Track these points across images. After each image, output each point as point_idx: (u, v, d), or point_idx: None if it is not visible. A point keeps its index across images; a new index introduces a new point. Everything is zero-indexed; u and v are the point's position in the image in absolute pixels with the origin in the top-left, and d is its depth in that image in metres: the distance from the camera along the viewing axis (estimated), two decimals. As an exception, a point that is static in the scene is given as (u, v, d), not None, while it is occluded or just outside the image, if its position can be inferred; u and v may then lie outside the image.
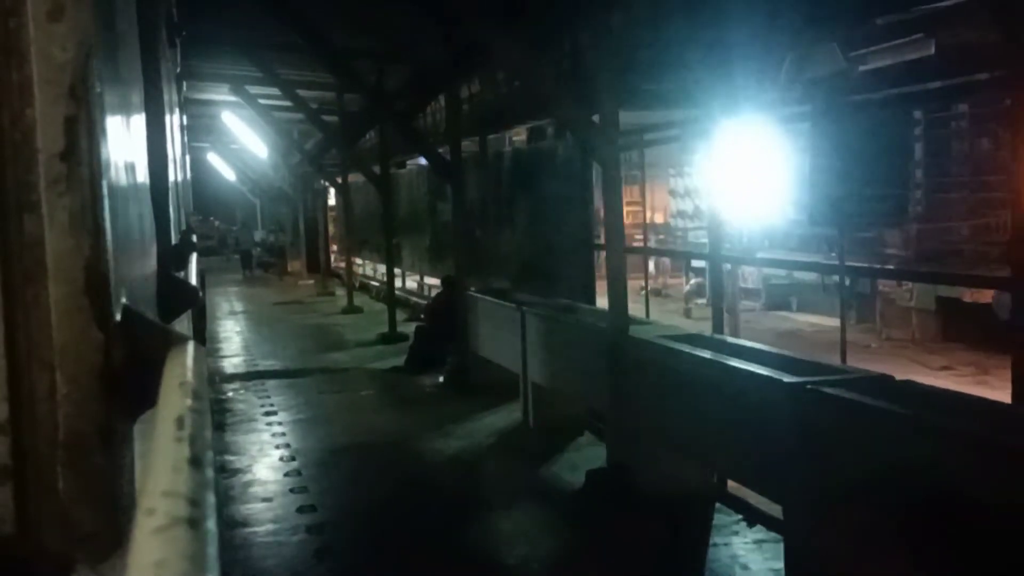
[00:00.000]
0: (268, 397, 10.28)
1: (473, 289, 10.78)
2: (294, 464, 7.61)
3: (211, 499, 0.60)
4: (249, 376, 11.67)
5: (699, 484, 6.24)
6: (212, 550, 0.55)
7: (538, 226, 10.65)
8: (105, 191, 0.88)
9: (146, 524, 0.55)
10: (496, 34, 7.26)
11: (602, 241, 7.97)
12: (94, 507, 0.84)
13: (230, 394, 10.58)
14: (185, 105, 15.23)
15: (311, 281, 24.77)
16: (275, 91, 15.92)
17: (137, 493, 0.94)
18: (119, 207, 1.05)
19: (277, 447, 8.16)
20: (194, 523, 0.55)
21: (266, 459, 7.85)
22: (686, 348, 5.97)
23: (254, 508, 6.61)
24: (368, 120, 15.30)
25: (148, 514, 0.56)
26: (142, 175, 1.76)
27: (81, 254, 0.84)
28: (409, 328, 13.99)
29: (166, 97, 3.13)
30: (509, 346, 9.01)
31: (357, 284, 21.69)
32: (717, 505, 6.17)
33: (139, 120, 1.86)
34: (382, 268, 21.45)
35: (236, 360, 13.11)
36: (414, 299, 17.71)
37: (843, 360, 6.29)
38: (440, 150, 12.05)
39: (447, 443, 8.26)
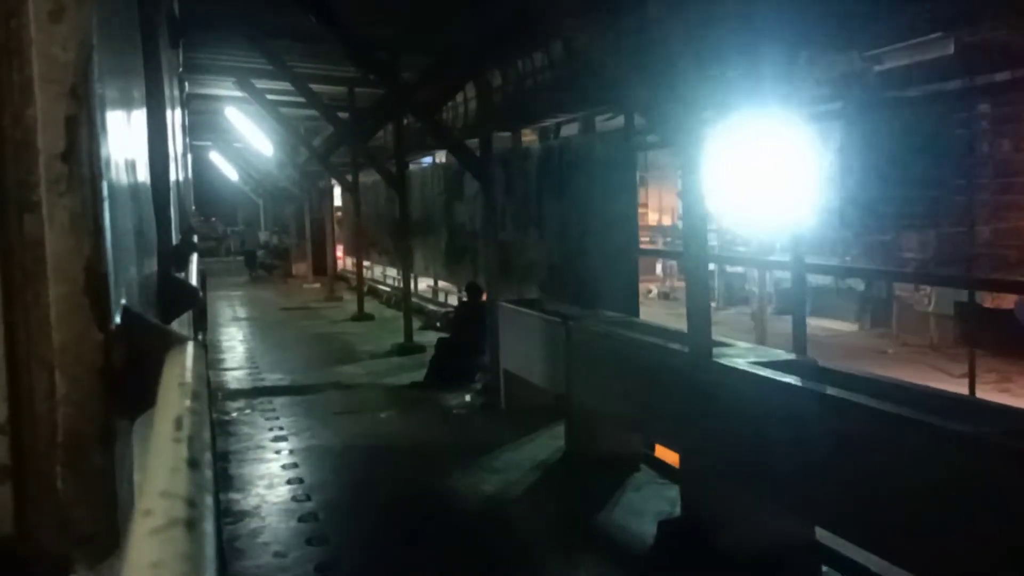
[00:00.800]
0: (276, 419, 9.24)
1: (504, 299, 9.80)
2: (309, 505, 6.59)
3: (209, 500, 0.60)
4: (255, 392, 10.65)
5: (800, 542, 5.24)
6: (210, 551, 0.55)
7: (570, 229, 9.74)
8: (106, 191, 0.88)
9: (144, 525, 0.55)
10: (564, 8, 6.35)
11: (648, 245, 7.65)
12: (93, 507, 0.84)
13: (234, 414, 9.55)
14: (187, 101, 14.83)
15: (317, 284, 23.83)
16: (282, 86, 15.29)
17: (135, 494, 0.94)
18: (120, 207, 1.05)
19: (289, 482, 7.15)
20: (192, 524, 0.55)
21: (276, 498, 6.81)
22: (814, 387, 4.82)
23: (265, 566, 5.60)
24: (386, 112, 14.35)
25: (146, 515, 0.56)
26: (143, 175, 1.76)
27: (81, 254, 0.84)
28: (425, 337, 13.28)
29: (168, 97, 3.13)
30: (549, 365, 8.08)
31: (365, 288, 20.60)
32: (824, 569, 5.19)
33: (140, 120, 1.86)
34: (392, 272, 20.96)
35: (240, 373, 12.02)
36: (429, 306, 16.94)
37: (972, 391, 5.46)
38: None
39: (484, 479, 7.16)
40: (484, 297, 10.72)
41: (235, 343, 14.91)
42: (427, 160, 22.59)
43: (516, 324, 9.07)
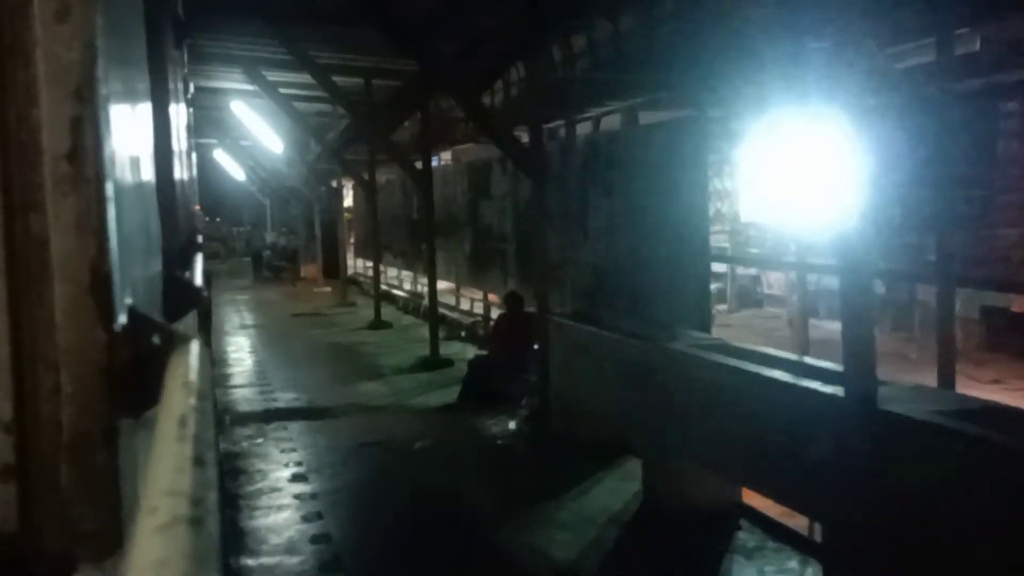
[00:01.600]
0: (293, 450, 7.91)
1: (556, 312, 8.48)
2: (341, 579, 5.35)
3: (213, 498, 0.60)
4: (267, 416, 9.28)
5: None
6: (214, 549, 0.55)
7: (623, 230, 8.35)
8: (110, 192, 0.88)
9: (148, 523, 0.55)
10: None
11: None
12: (97, 506, 0.85)
13: (244, 444, 8.18)
14: (192, 98, 13.82)
15: (328, 289, 22.50)
16: (292, 78, 14.35)
17: (139, 492, 0.94)
18: (124, 208, 1.05)
19: (314, 540, 5.73)
20: (196, 522, 0.55)
21: (300, 565, 5.41)
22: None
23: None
24: (412, 100, 13.05)
25: (150, 513, 0.56)
26: (148, 175, 1.76)
27: (86, 254, 0.84)
28: (450, 349, 12.44)
29: (172, 98, 3.13)
30: (618, 393, 6.77)
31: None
32: None
33: (145, 120, 1.87)
34: (408, 276, 19.48)
35: (250, 392, 10.66)
36: (452, 314, 15.62)
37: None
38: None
39: (552, 538, 5.73)
40: (522, 307, 9.97)
41: (243, 355, 13.64)
42: (437, 159, 22.03)
43: (572, 342, 7.74)
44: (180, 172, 3.46)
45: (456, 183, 14.58)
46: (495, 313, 13.03)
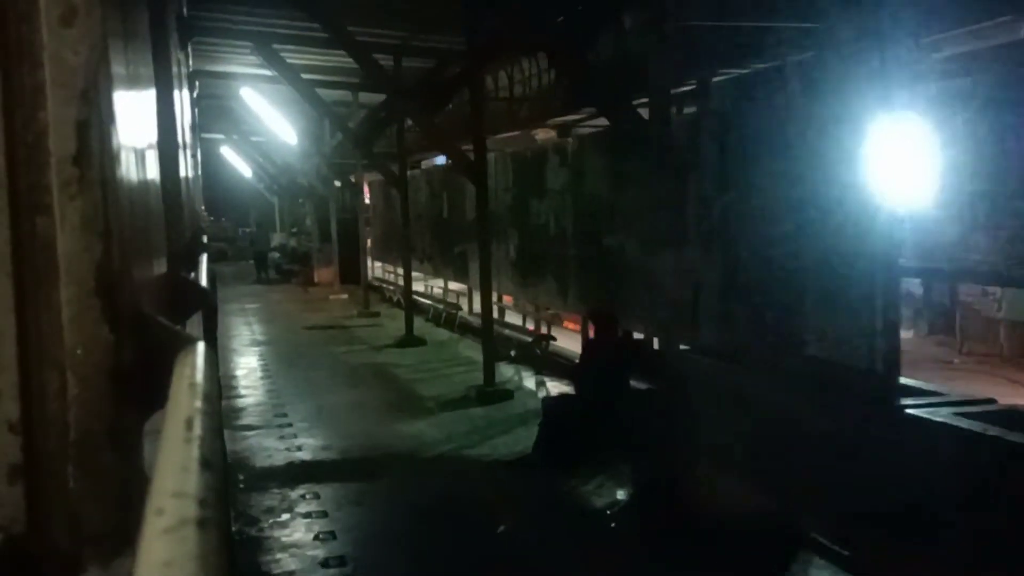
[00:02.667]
0: (332, 537, 5.72)
1: (686, 345, 6.56)
2: None
3: (220, 500, 0.61)
4: (291, 475, 7.12)
5: None
6: (221, 551, 0.55)
7: (743, 230, 6.45)
8: (116, 194, 0.89)
9: (155, 524, 0.56)
10: None
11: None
12: (104, 507, 0.85)
13: (265, 525, 6.03)
14: (197, 88, 13.56)
15: (344, 295, 20.48)
16: (308, 59, 12.91)
17: (146, 493, 0.95)
18: (130, 209, 1.06)
19: None
20: (203, 524, 0.55)
21: None
22: None
23: None
24: (462, 76, 10.95)
25: (157, 514, 0.56)
26: (153, 177, 1.77)
27: (92, 256, 0.84)
28: (504, 376, 10.46)
29: (177, 99, 3.14)
30: (797, 465, 5.03)
31: (400, 300, 16.98)
32: None
33: (151, 122, 1.87)
34: (437, 283, 17.26)
35: (267, 437, 8.35)
36: (499, 330, 12.94)
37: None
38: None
39: None
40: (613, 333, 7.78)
41: (254, 380, 11.20)
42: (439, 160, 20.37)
43: (719, 389, 5.83)
44: (185, 172, 3.47)
45: (498, 177, 12.43)
46: (560, 334, 11.74)
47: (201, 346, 0.93)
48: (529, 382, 10.23)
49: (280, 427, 8.73)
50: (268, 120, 17.79)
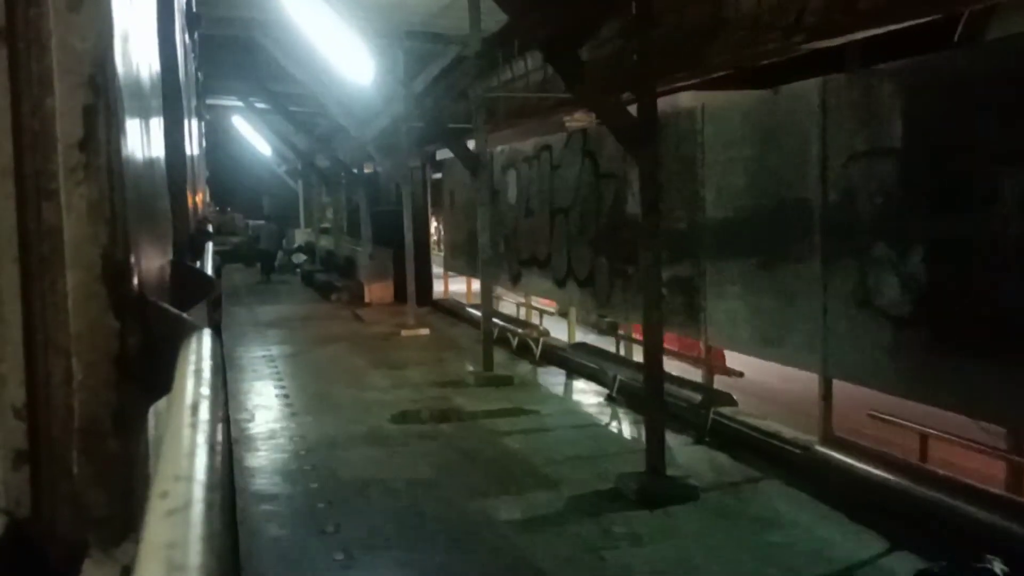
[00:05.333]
0: None
1: None
2: None
3: (224, 483, 0.61)
4: None
5: None
6: (225, 533, 0.56)
7: None
8: (122, 180, 0.89)
9: (160, 507, 0.56)
10: None
11: None
12: (108, 492, 0.86)
13: None
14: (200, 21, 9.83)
15: (423, 331, 14.25)
16: None
17: (151, 478, 0.95)
18: (136, 196, 1.06)
19: None
20: (207, 507, 0.56)
21: None
22: None
23: None
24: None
25: (162, 497, 0.57)
26: (159, 163, 1.77)
27: (98, 242, 0.85)
28: (689, 453, 7.50)
29: (183, 85, 3.14)
30: None
31: (514, 340, 12.39)
32: None
33: (157, 108, 1.87)
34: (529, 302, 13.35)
35: None
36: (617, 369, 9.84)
37: None
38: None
39: None
40: None
41: None
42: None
43: None
44: (191, 161, 3.47)
45: (606, 158, 9.61)
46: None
47: (207, 333, 0.94)
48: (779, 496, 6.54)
49: None
50: (328, 48, 11.48)
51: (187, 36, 4.63)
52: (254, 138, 26.38)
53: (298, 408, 9.82)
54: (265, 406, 9.94)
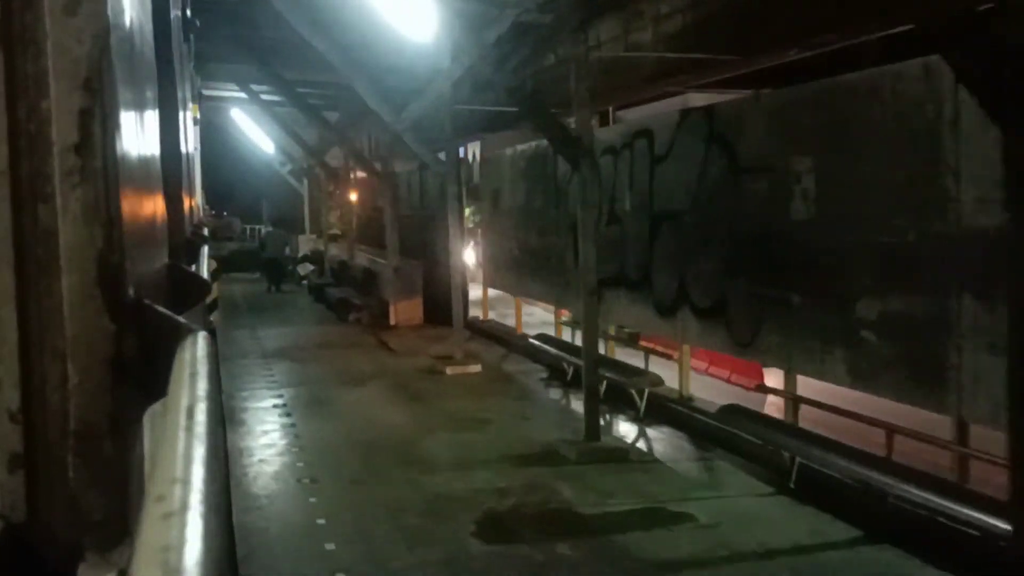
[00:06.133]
0: None
1: None
2: None
3: (221, 487, 0.61)
4: None
5: None
6: (221, 536, 0.56)
7: None
8: (118, 183, 0.89)
9: (156, 510, 0.56)
10: None
11: None
12: (104, 495, 0.85)
13: None
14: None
15: (475, 368, 11.21)
16: None
17: (147, 481, 0.95)
18: (132, 199, 1.06)
19: None
20: (203, 510, 0.56)
21: None
22: None
23: None
24: None
25: (158, 500, 0.57)
26: (154, 167, 1.77)
27: (94, 245, 0.85)
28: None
29: (179, 89, 3.14)
30: None
31: (643, 390, 8.95)
32: None
33: (152, 112, 1.87)
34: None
35: None
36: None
37: None
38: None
39: None
40: None
41: None
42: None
43: None
44: (186, 162, 3.47)
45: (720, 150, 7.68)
46: None
47: (202, 336, 0.94)
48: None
49: None
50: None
51: (183, 40, 4.63)
52: (254, 133, 23.28)
53: (331, 508, 6.53)
54: (283, 517, 6.48)
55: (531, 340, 11.75)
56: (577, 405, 8.92)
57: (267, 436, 8.64)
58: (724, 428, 7.78)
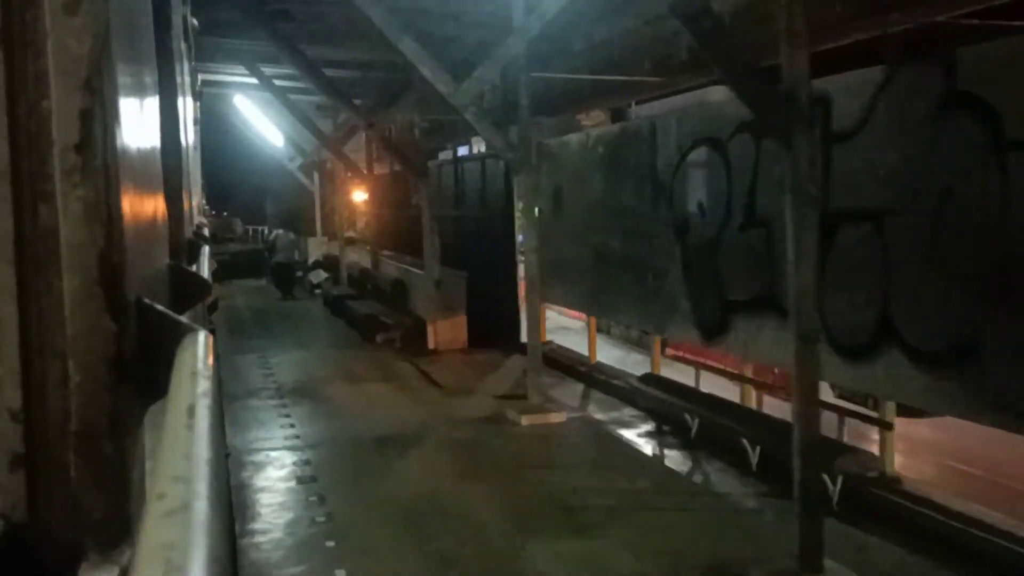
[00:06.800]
0: None
1: None
2: None
3: (221, 485, 0.61)
4: None
5: None
6: (223, 534, 0.56)
7: None
8: (119, 182, 0.89)
9: (157, 508, 0.56)
10: None
11: None
12: (105, 495, 0.85)
13: None
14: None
15: (558, 415, 8.80)
16: None
17: (148, 479, 0.95)
18: (133, 198, 1.06)
19: None
20: (203, 508, 0.56)
21: None
22: None
23: None
24: None
25: (159, 499, 0.57)
26: (155, 166, 1.77)
27: (95, 245, 0.85)
28: None
29: (179, 88, 3.14)
30: None
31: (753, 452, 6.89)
32: None
33: (153, 110, 1.87)
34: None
35: None
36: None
37: None
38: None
39: None
40: None
41: None
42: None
43: None
44: (187, 161, 3.47)
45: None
46: None
47: (203, 335, 0.94)
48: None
49: None
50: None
51: (184, 40, 4.63)
52: (260, 123, 20.42)
53: None
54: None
55: (636, 384, 9.25)
56: (721, 477, 6.74)
57: (291, 535, 5.96)
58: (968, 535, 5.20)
